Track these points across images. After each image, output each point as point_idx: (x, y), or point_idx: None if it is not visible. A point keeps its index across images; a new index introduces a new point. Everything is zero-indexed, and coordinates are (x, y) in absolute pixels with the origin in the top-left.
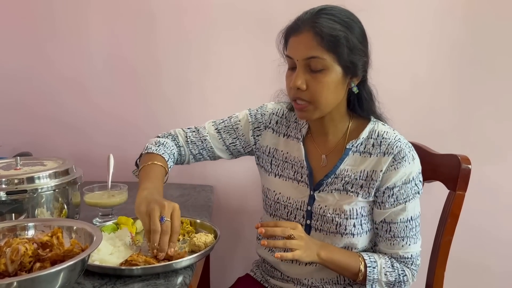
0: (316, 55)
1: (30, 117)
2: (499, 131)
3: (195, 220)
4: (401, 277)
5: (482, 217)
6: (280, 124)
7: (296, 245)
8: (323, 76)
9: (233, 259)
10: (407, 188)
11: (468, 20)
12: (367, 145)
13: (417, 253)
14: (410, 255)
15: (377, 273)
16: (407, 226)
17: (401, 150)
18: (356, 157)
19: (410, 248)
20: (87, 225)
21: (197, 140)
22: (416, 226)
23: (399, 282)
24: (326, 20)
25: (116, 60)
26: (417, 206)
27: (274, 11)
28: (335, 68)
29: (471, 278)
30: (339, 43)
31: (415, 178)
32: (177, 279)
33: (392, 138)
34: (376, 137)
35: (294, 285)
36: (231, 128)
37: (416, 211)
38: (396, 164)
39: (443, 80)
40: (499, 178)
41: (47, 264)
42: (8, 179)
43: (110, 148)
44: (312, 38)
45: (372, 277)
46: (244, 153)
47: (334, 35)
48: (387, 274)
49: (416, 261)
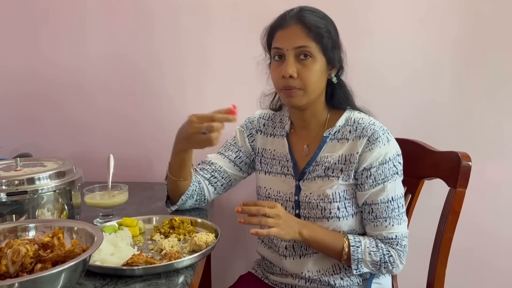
0: (305, 44)
1: (30, 118)
2: (499, 128)
3: (196, 220)
4: (386, 257)
5: (483, 214)
6: (267, 126)
7: (272, 223)
8: (311, 64)
9: (234, 258)
10: (384, 169)
11: (467, 16)
12: (344, 132)
13: (402, 234)
14: (395, 235)
15: (361, 253)
16: (388, 206)
17: (374, 132)
18: (334, 143)
19: (394, 228)
20: (88, 226)
21: (205, 165)
22: (399, 207)
23: (385, 263)
24: (311, 14)
25: (115, 60)
26: (398, 187)
27: (272, 8)
28: (320, 57)
29: (472, 275)
30: (323, 35)
31: (392, 159)
32: (179, 279)
33: (367, 123)
34: (352, 123)
35: (293, 279)
36: (231, 145)
37: (397, 192)
38: (371, 145)
39: (443, 77)
40: (500, 175)
41: (48, 265)
42: (9, 180)
43: (110, 148)
44: (300, 30)
45: (356, 257)
46: (249, 162)
47: (320, 27)
48: (371, 254)
49: (402, 242)
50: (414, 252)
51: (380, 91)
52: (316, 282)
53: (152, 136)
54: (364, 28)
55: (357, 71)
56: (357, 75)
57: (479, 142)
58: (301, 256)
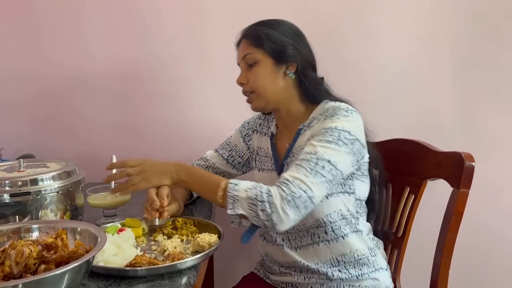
0: (248, 52)
1: (32, 119)
2: (502, 128)
3: (198, 221)
4: (264, 195)
5: (486, 214)
6: (262, 125)
7: (137, 179)
8: (257, 68)
9: (236, 259)
10: (325, 133)
11: (471, 16)
12: (317, 120)
13: (299, 181)
14: (290, 178)
15: (237, 190)
16: (306, 156)
17: (335, 108)
18: (307, 132)
19: (295, 173)
20: (91, 227)
21: (201, 161)
22: (316, 164)
23: (263, 202)
24: (253, 26)
25: (118, 60)
26: (333, 155)
27: (272, 8)
28: (266, 59)
29: (476, 276)
30: (261, 38)
31: (339, 129)
32: (182, 280)
33: (336, 106)
34: (326, 111)
35: (292, 277)
36: (226, 144)
37: (327, 156)
38: (328, 118)
39: (446, 77)
40: (503, 175)
41: (52, 266)
42: (12, 181)
43: (113, 148)
44: (245, 42)
45: (232, 194)
46: (243, 162)
47: (257, 33)
48: (247, 191)
49: (292, 188)
50: (417, 252)
51: (383, 91)
52: (315, 274)
53: (154, 137)
54: (368, 28)
55: (360, 71)
56: (360, 75)
57: (481, 142)
58: (297, 248)
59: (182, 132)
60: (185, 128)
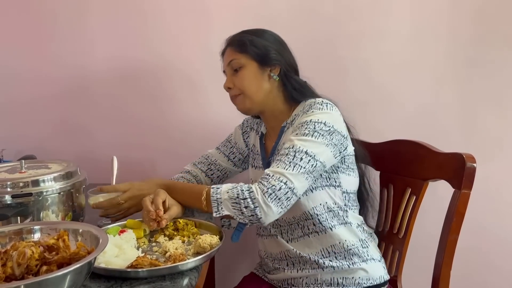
0: (232, 57)
1: (34, 120)
2: (503, 129)
3: (200, 222)
4: (246, 192)
5: (487, 215)
6: (258, 124)
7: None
8: (242, 72)
9: (237, 260)
10: (302, 127)
11: (472, 17)
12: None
13: (278, 174)
14: (271, 174)
15: (219, 193)
16: (285, 151)
17: (311, 103)
18: (290, 129)
19: (274, 168)
20: (93, 228)
21: (203, 159)
22: (294, 157)
23: (245, 199)
24: (237, 35)
25: (119, 61)
26: (310, 146)
27: (274, 9)
28: (251, 63)
29: (477, 276)
30: (245, 44)
31: (314, 121)
32: (183, 281)
33: (313, 101)
34: (305, 107)
35: (284, 273)
36: (227, 141)
37: (304, 148)
38: (303, 113)
39: (447, 78)
40: (504, 176)
41: (54, 267)
42: (13, 183)
43: (114, 150)
44: (229, 50)
45: (215, 197)
46: (243, 158)
47: (241, 40)
48: (228, 192)
49: (272, 181)
50: (419, 253)
51: (384, 92)
52: (307, 264)
53: (156, 138)
54: (369, 29)
55: (361, 71)
56: (361, 75)
57: (483, 143)
58: (288, 241)
59: (183, 132)
60: (187, 128)
